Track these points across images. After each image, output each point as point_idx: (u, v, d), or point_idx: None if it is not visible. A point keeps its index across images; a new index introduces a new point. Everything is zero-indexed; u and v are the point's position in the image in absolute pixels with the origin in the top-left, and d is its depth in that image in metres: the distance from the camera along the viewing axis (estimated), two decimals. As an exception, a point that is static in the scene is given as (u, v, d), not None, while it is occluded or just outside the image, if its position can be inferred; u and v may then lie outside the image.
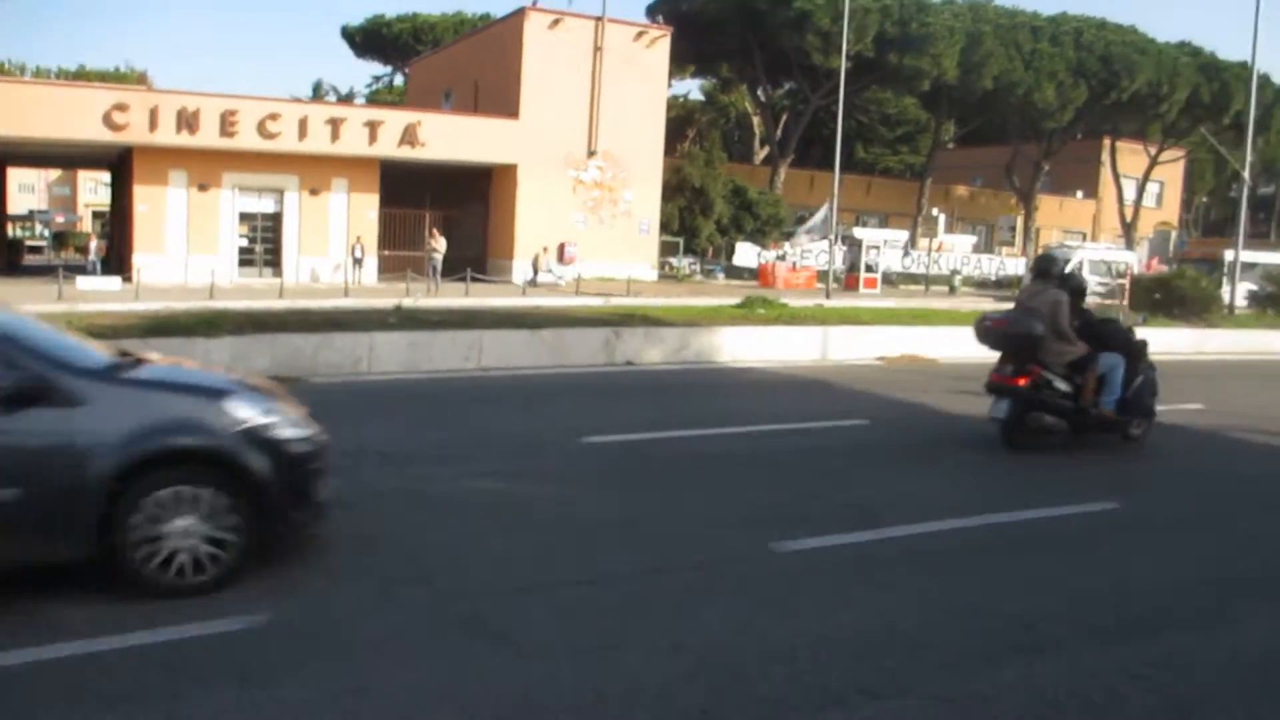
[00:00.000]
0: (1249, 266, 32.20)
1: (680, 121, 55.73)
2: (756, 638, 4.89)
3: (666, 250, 38.79)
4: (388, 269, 32.55)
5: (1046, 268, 10.10)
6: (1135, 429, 10.13)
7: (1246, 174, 31.43)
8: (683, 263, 39.02)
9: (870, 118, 63.82)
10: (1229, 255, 31.25)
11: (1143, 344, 10.30)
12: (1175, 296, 23.84)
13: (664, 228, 38.40)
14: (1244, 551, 6.94)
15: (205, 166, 30.40)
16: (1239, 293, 28.80)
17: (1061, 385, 9.58)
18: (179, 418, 5.31)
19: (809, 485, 7.94)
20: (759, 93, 52.63)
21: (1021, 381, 9.46)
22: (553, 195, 34.42)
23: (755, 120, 58.49)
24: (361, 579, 5.40)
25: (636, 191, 35.89)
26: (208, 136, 29.67)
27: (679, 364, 14.81)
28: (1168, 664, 4.87)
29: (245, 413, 5.39)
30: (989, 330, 9.92)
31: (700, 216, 40.80)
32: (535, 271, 32.80)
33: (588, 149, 35.07)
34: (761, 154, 56.41)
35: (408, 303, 18.57)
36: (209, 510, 5.18)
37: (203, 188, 30.82)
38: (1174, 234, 53.07)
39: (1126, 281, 23.52)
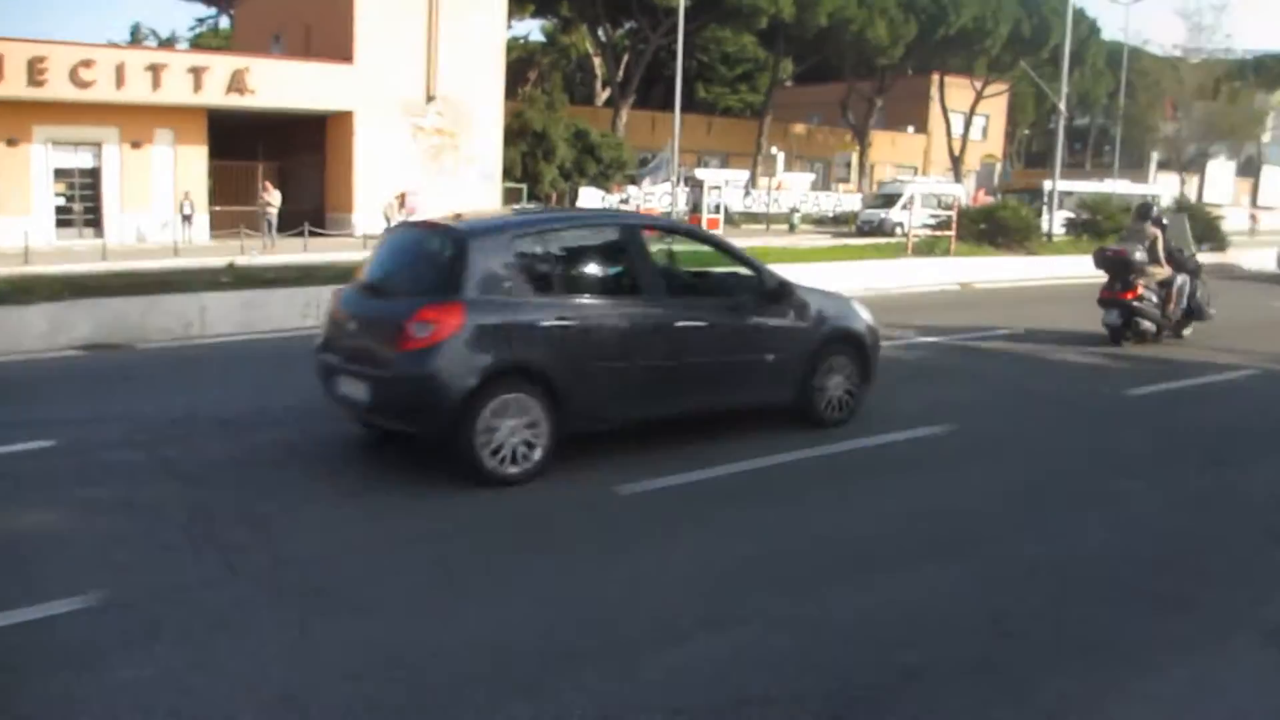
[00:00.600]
0: (1066, 195, 33.98)
1: (521, 64, 54.93)
2: (603, 581, 5.02)
3: (510, 197, 38.36)
4: (220, 226, 31.17)
5: (1145, 212, 13.68)
6: (1187, 330, 13.58)
7: (1063, 106, 33.00)
8: (529, 209, 38.73)
9: (710, 57, 64.22)
10: (1048, 185, 32.91)
11: (1199, 266, 13.95)
12: (999, 226, 25.03)
13: (506, 174, 37.92)
14: (1056, 464, 7.45)
15: (13, 119, 28.33)
16: (1057, 220, 30.40)
17: (1152, 298, 12.87)
18: (840, 312, 8.36)
19: (651, 427, 8.09)
20: (600, 33, 52.26)
21: (1128, 295, 12.72)
22: (392, 143, 33.51)
23: (597, 61, 58.11)
24: (202, 550, 5.28)
25: (478, 137, 35.28)
26: (13, 86, 27.64)
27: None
28: (987, 574, 5.22)
29: (864, 311, 8.53)
30: (1106, 257, 13.19)
31: (543, 161, 40.45)
32: (389, 222, 31.83)
33: (426, 94, 34.21)
34: (603, 96, 56.14)
35: (242, 260, 17.90)
36: (845, 373, 8.19)
37: (11, 142, 28.77)
38: (999, 166, 55.38)
39: (954, 213, 24.49)
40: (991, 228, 25.13)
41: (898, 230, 31.49)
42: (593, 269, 7.24)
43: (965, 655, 4.29)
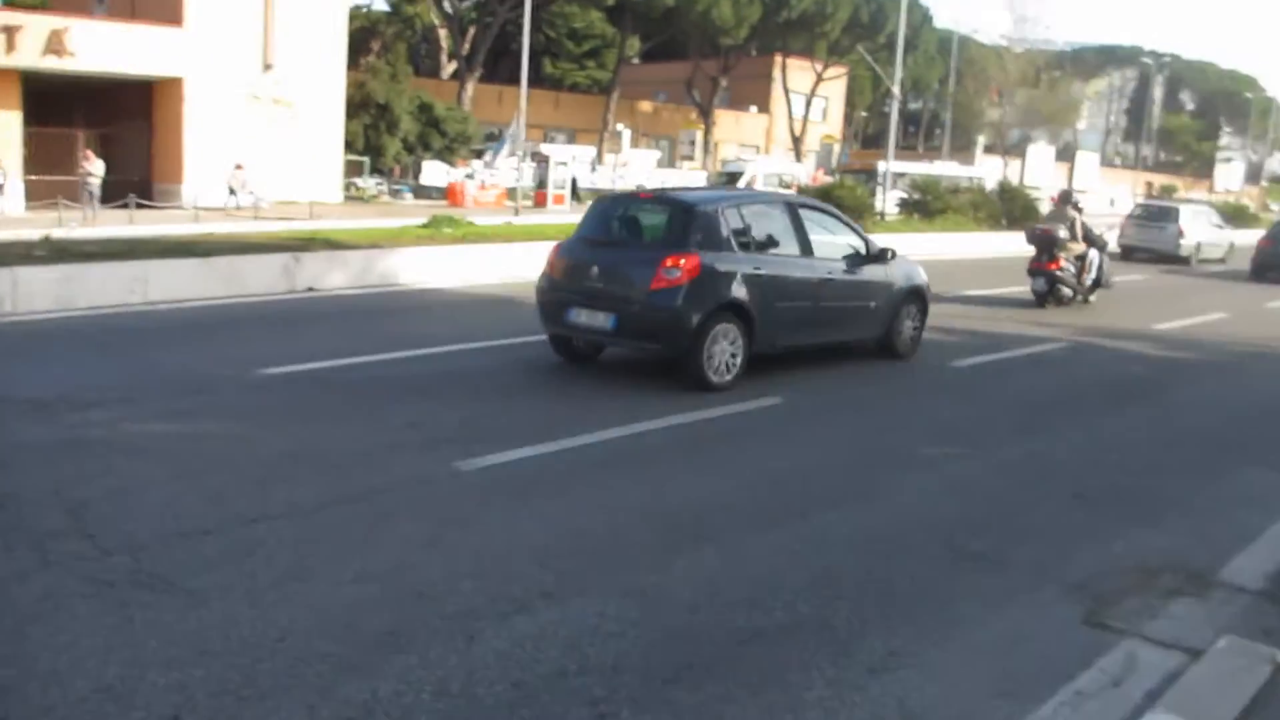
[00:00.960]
0: (899, 176, 35.29)
1: (364, 34, 53.21)
2: (443, 557, 4.97)
3: (352, 170, 37.34)
4: (36, 196, 29.21)
5: (1067, 198, 16.92)
6: (1093, 296, 16.31)
7: (897, 90, 34.18)
8: (369, 183, 37.75)
9: (558, 32, 63.82)
10: (882, 166, 34.08)
11: (1106, 244, 16.91)
12: (836, 206, 25.75)
13: (348, 146, 36.86)
14: (886, 432, 7.77)
15: None
16: (890, 200, 31.54)
17: (1070, 269, 15.76)
18: (911, 272, 10.85)
19: (492, 403, 8.06)
20: (445, 4, 51.23)
21: (1053, 266, 15.51)
22: (225, 112, 32.07)
23: (442, 33, 56.94)
24: (11, 540, 4.98)
25: (318, 108, 34.13)
26: None
27: (363, 288, 14.42)
28: (820, 539, 5.42)
29: (923, 272, 11.10)
30: (1037, 234, 15.96)
31: (386, 134, 39.50)
32: (233, 193, 30.42)
33: (263, 62, 32.85)
34: (449, 69, 55.12)
35: (59, 233, 16.89)
36: (914, 319, 10.82)
37: None
38: (837, 147, 57.05)
39: (794, 192, 25.09)
40: (829, 206, 25.86)
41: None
42: (772, 232, 9.38)
43: (800, 616, 4.45)
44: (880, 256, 10.23)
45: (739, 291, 8.71)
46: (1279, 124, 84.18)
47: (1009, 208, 31.45)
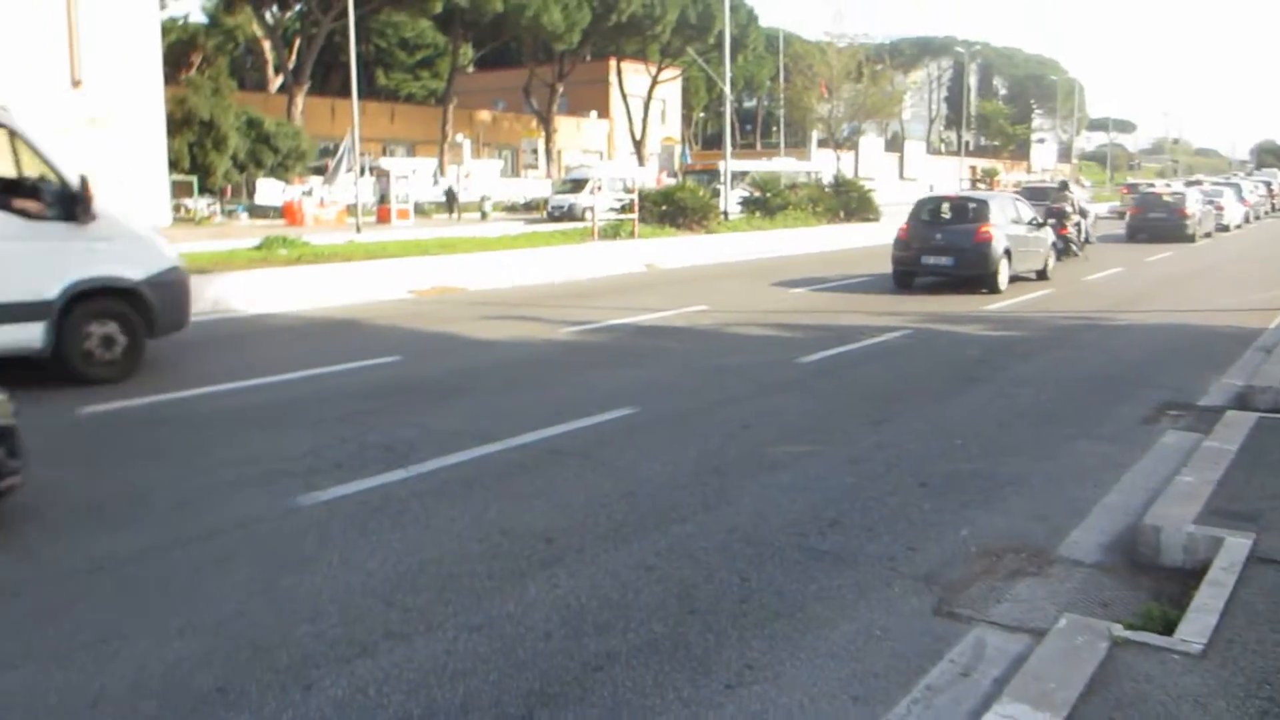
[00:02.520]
0: (740, 175, 35.86)
1: (182, 47, 51.07)
2: (278, 602, 4.69)
3: (181, 191, 35.71)
4: None
5: (1064, 185, 25.91)
6: (1083, 251, 24.03)
7: (729, 89, 34.76)
8: (199, 204, 36.16)
9: (388, 42, 62.62)
10: (722, 165, 34.57)
11: (1089, 214, 26.56)
12: (679, 208, 26.03)
13: (174, 165, 35.22)
14: (737, 435, 7.78)
15: None
16: (733, 199, 32.02)
17: (1073, 232, 23.58)
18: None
19: (336, 431, 7.72)
20: (267, 15, 49.56)
21: (1063, 231, 22.36)
22: (34, 130, 30.17)
23: (266, 45, 55.07)
24: None
25: (136, 126, 32.48)
26: None
27: (192, 316, 13.71)
28: (673, 551, 5.34)
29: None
30: (1051, 210, 22.48)
31: (214, 152, 37.90)
32: None
33: (71, 79, 31.06)
34: (276, 82, 53.36)
35: None
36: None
37: None
38: (677, 149, 57.68)
39: (635, 197, 25.21)
40: (672, 209, 26.09)
41: (587, 215, 31.99)
42: (1024, 214, 18.62)
43: (655, 636, 4.36)
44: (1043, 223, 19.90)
45: (1012, 245, 17.34)
46: (1083, 104, 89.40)
47: (845, 201, 32.36)
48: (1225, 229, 35.63)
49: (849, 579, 4.99)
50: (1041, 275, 18.97)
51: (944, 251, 17.11)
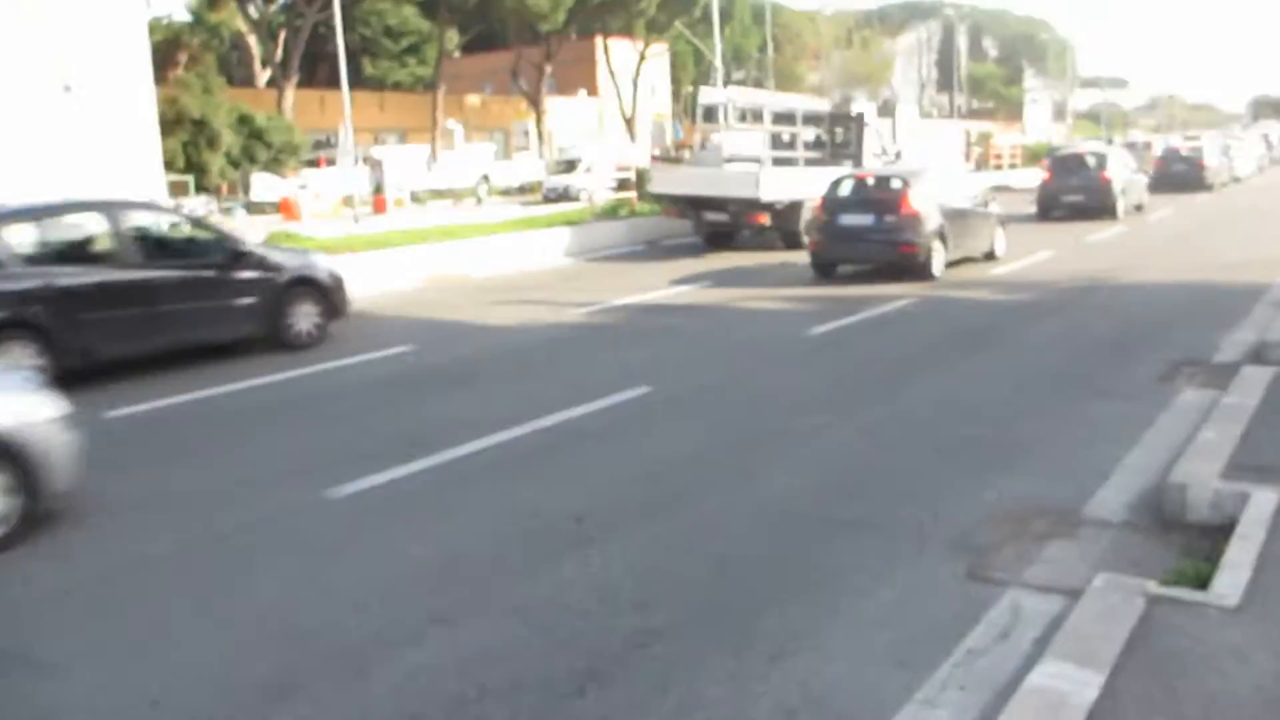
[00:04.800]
0: (734, 148, 35.69)
1: (168, 46, 50.79)
2: (322, 593, 4.76)
3: (177, 191, 35.60)
4: None
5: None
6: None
7: (718, 61, 34.66)
8: (196, 203, 36.05)
9: (374, 30, 62.13)
10: (716, 138, 34.44)
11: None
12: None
13: (169, 166, 35.03)
14: (754, 409, 7.83)
15: None
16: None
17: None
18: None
19: (360, 423, 7.78)
20: (251, 9, 49.26)
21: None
22: (23, 138, 30.09)
23: (252, 40, 54.75)
24: None
25: (129, 129, 32.35)
26: None
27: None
28: (702, 526, 5.41)
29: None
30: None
31: (208, 150, 37.73)
32: None
33: (63, 84, 30.93)
34: (265, 76, 53.07)
35: None
36: None
37: None
38: (668, 124, 57.47)
39: (634, 174, 25.17)
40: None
41: (582, 195, 31.94)
42: (1131, 162, 25.85)
43: (693, 610, 4.42)
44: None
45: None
46: (1075, 63, 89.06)
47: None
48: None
49: (880, 547, 5.05)
50: (1139, 208, 24.52)
51: (1079, 190, 23.13)
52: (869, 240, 14.57)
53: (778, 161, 19.82)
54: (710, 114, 22.20)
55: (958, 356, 9.51)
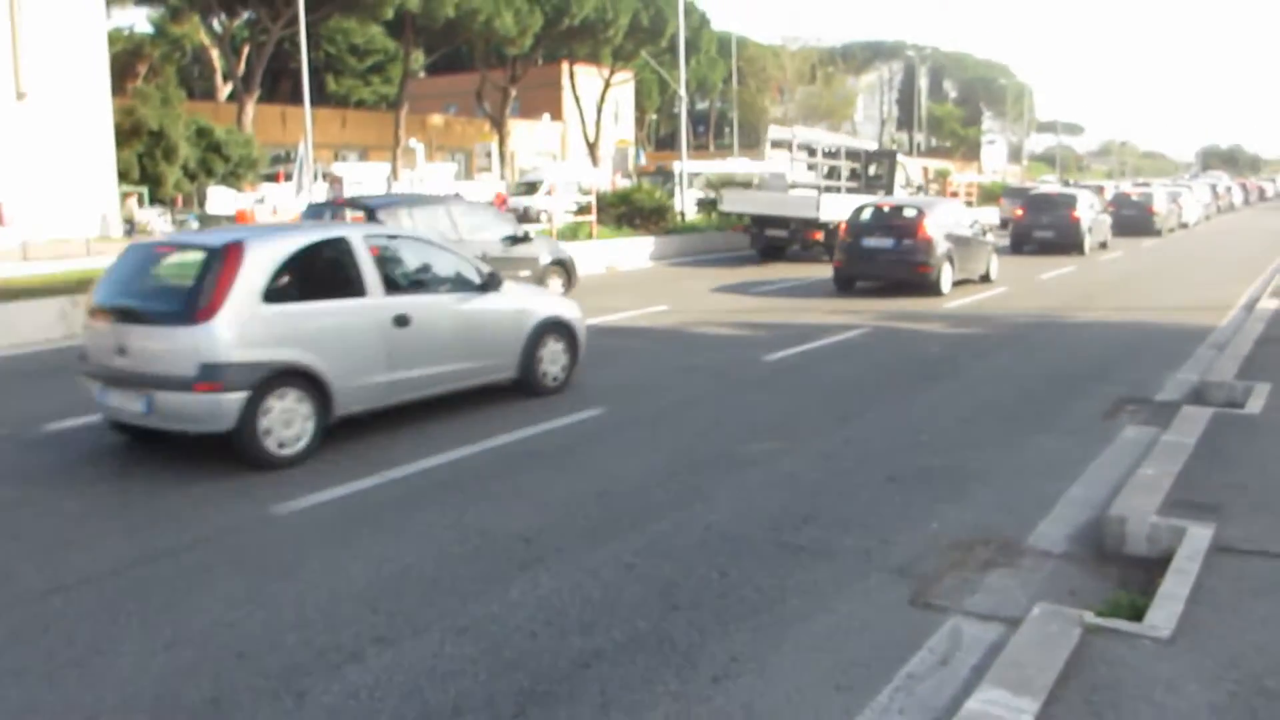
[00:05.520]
0: (695, 176, 35.99)
1: (128, 57, 50.34)
2: (264, 610, 4.70)
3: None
4: None
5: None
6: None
7: (683, 92, 34.91)
8: (149, 214, 35.60)
9: (338, 48, 62.04)
10: (677, 166, 34.70)
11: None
12: (636, 209, 26.10)
13: (123, 177, 34.67)
14: (708, 433, 7.87)
15: None
16: (689, 200, 32.13)
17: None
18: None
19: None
20: (214, 23, 48.94)
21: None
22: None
23: (214, 53, 54.40)
24: None
25: (84, 138, 31.98)
26: None
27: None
28: (652, 549, 5.41)
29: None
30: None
31: (164, 162, 37.32)
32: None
33: (16, 91, 30.51)
34: (226, 90, 52.72)
35: None
36: None
37: None
38: (631, 150, 57.81)
39: (594, 198, 25.24)
40: (629, 210, 26.16)
41: (542, 217, 31.90)
42: (1097, 204, 28.12)
43: (639, 632, 4.43)
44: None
45: None
46: (1032, 107, 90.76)
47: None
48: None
49: (826, 572, 5.09)
50: (1103, 245, 27.04)
51: (1049, 227, 25.22)
52: (888, 260, 16.64)
53: (826, 189, 24.26)
54: (777, 145, 27.92)
55: (910, 387, 9.62)
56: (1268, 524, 5.22)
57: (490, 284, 8.53)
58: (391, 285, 7.83)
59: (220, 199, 37.00)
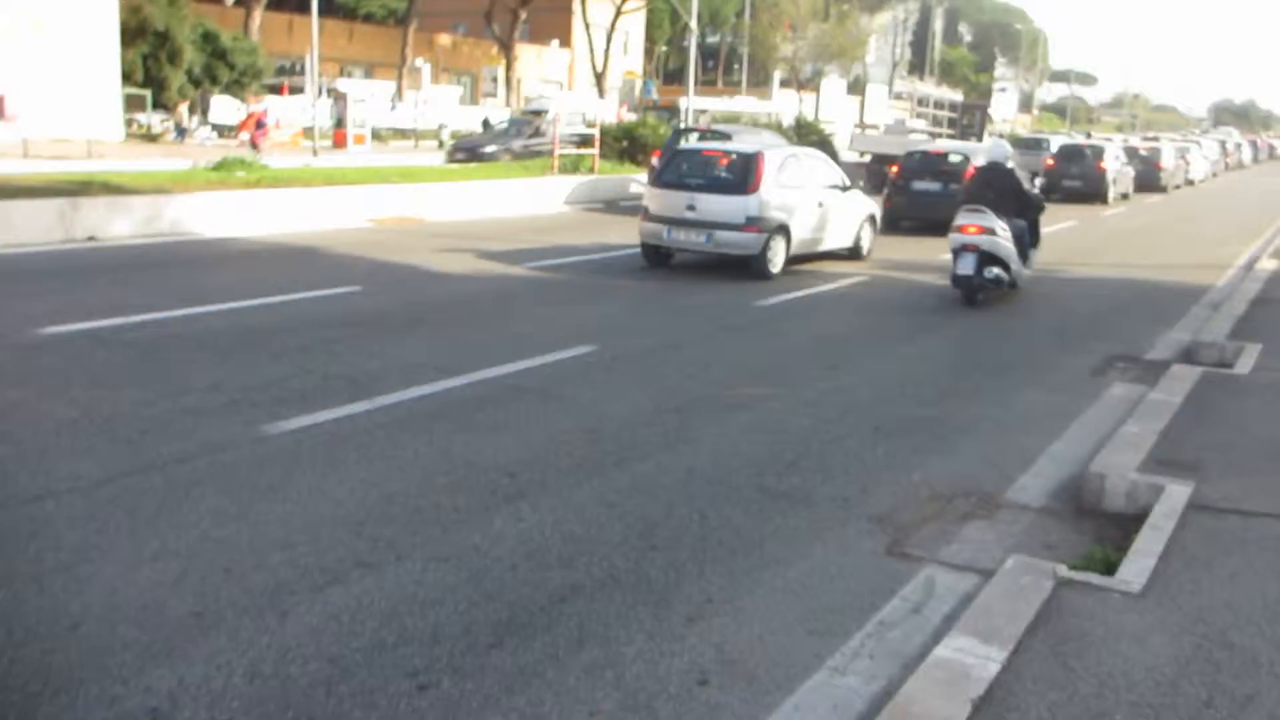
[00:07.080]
0: (701, 112, 35.60)
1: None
2: (250, 528, 4.76)
3: (134, 106, 34.74)
4: None
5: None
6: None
7: (694, 23, 34.38)
8: (153, 119, 35.20)
9: (346, -43, 60.88)
10: (684, 103, 34.31)
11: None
12: (639, 144, 25.86)
13: (126, 78, 34.21)
14: (692, 377, 7.90)
15: None
16: (693, 138, 31.80)
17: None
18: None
19: (299, 361, 7.73)
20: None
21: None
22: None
23: (220, -42, 53.32)
24: None
25: (88, 37, 31.47)
26: None
27: (151, 237, 13.53)
28: (634, 489, 5.47)
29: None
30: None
31: (168, 65, 36.81)
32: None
33: (20, -9, 29.94)
34: (232, -4, 51.76)
35: None
36: None
37: None
38: (639, 83, 57.00)
39: (597, 130, 24.99)
40: (632, 146, 25.93)
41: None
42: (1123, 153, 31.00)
43: (618, 570, 4.49)
44: None
45: None
46: (1046, 55, 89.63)
47: (805, 142, 32.27)
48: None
49: (805, 519, 5.16)
50: (1124, 196, 28.26)
51: (1077, 177, 26.59)
52: (936, 203, 17.31)
53: (931, 135, 29.71)
54: (899, 97, 34.28)
55: (902, 337, 9.66)
56: (1246, 483, 5.29)
57: (850, 188, 13.93)
58: (812, 182, 13.16)
59: (224, 108, 36.58)
